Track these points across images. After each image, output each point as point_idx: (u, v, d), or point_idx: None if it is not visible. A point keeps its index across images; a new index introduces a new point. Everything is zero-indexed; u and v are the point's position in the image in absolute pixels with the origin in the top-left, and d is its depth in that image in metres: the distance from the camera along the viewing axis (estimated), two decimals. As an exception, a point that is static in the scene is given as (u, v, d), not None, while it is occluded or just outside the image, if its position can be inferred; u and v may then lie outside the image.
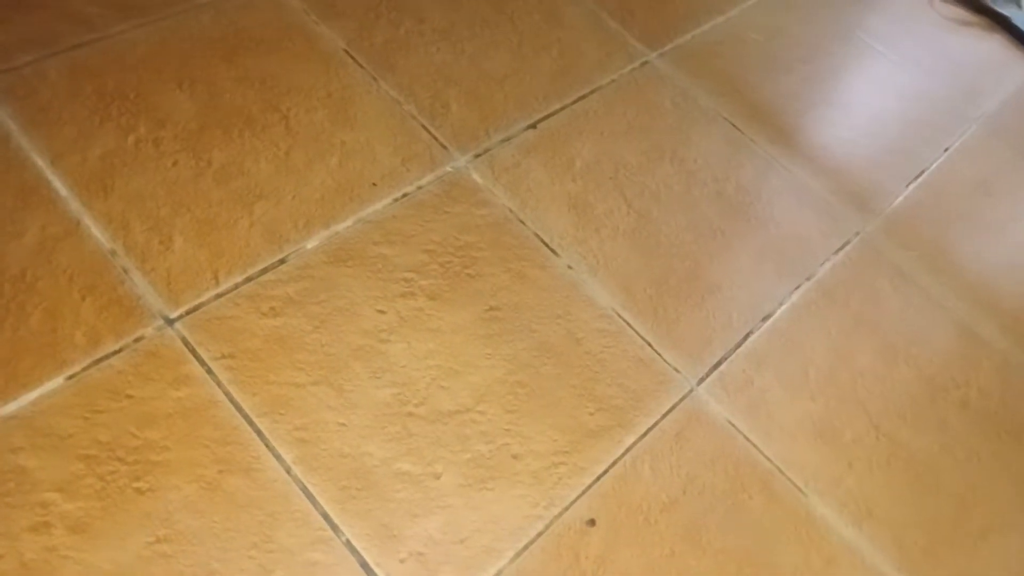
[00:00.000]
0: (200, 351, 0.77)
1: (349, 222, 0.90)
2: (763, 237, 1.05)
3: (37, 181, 0.83)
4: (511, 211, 0.98)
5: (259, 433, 0.74)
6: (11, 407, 0.70)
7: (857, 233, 1.10)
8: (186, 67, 0.97)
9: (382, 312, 0.85)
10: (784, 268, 1.03)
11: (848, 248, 1.08)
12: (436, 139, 1.01)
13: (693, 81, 1.21)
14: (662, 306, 0.95)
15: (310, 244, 0.88)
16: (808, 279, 1.03)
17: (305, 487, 0.72)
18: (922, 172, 1.22)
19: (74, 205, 0.83)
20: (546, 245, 0.96)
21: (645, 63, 1.20)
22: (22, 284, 0.77)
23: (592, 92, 1.14)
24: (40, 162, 0.84)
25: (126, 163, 0.87)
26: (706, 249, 1.02)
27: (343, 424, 0.77)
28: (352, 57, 1.05)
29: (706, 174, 1.10)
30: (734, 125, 1.17)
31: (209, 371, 0.76)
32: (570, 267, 0.95)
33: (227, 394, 0.76)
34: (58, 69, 0.93)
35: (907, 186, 1.19)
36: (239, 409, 0.75)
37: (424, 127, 1.02)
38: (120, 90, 0.93)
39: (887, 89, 1.33)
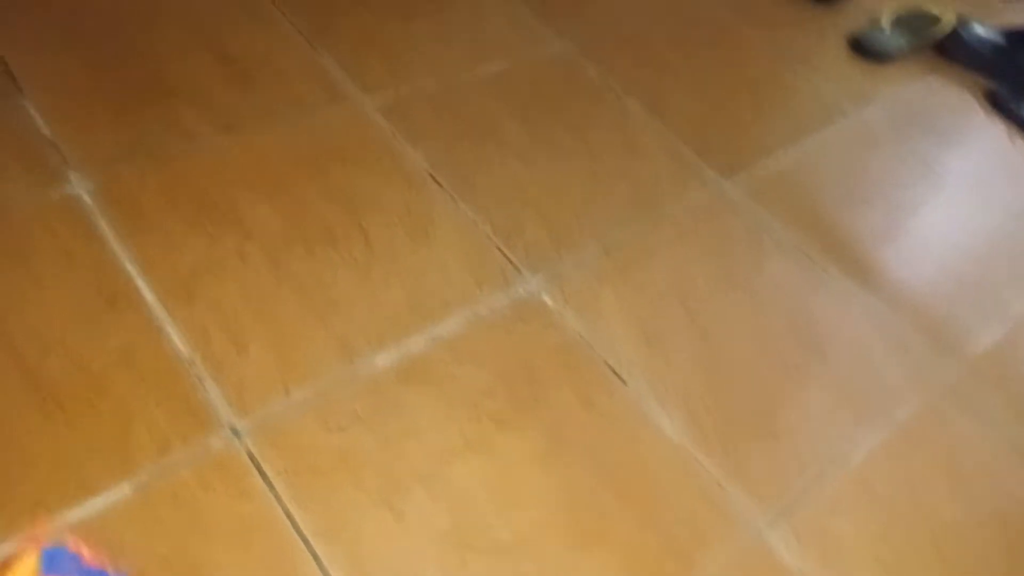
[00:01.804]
0: (264, 464, 0.77)
1: (421, 340, 0.91)
2: (838, 374, 1.02)
3: (127, 286, 0.87)
4: (580, 335, 0.97)
5: (315, 556, 0.73)
6: (76, 513, 0.71)
7: (939, 374, 1.06)
8: (276, 181, 1.02)
9: (447, 435, 0.84)
10: (861, 408, 0.99)
11: (929, 390, 1.03)
12: (510, 260, 1.02)
13: (767, 210, 1.20)
14: (732, 442, 0.92)
15: (381, 360, 0.88)
16: (886, 422, 0.99)
17: (357, 618, 0.70)
18: (1007, 313, 1.17)
19: (158, 312, 0.85)
20: (614, 372, 0.95)
21: (719, 191, 1.21)
22: (100, 385, 0.79)
23: (665, 218, 1.14)
24: (131, 268, 0.88)
25: (212, 272, 0.90)
26: (779, 384, 0.99)
27: (399, 550, 0.75)
28: (434, 177, 1.09)
29: (780, 305, 1.08)
30: (809, 256, 1.16)
31: (271, 486, 0.76)
32: (638, 396, 0.93)
33: (286, 511, 0.75)
34: (158, 177, 0.98)
35: (991, 327, 1.14)
36: (297, 528, 0.74)
37: (499, 248, 1.03)
38: (213, 201, 0.97)
39: (967, 226, 1.30)
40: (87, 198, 0.93)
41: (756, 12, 1.60)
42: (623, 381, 0.94)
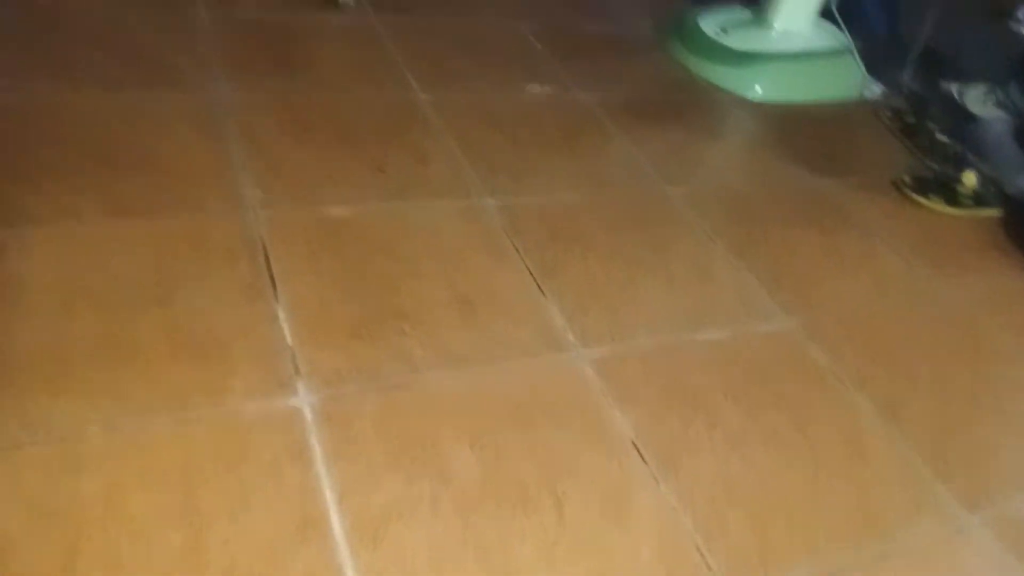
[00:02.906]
0: None
1: (598, 647, 0.82)
2: None
3: (320, 516, 0.86)
4: None
5: None
6: None
7: None
8: (483, 426, 1.00)
9: None
10: None
11: None
12: (706, 561, 0.92)
13: (1018, 558, 1.02)
14: None
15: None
16: None
17: None
18: None
19: (343, 551, 0.83)
20: None
21: (960, 526, 1.05)
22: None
23: (894, 548, 1.00)
24: (329, 497, 0.88)
25: (402, 518, 0.88)
26: None
27: None
28: (638, 449, 1.03)
29: None
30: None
31: None
32: None
33: None
34: (373, 403, 1.00)
35: None
36: None
37: (698, 548, 0.94)
38: (419, 438, 0.97)
39: None
40: (307, 413, 0.97)
41: (1011, 312, 1.47)
42: None
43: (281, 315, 1.08)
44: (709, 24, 2.13)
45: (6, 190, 1.16)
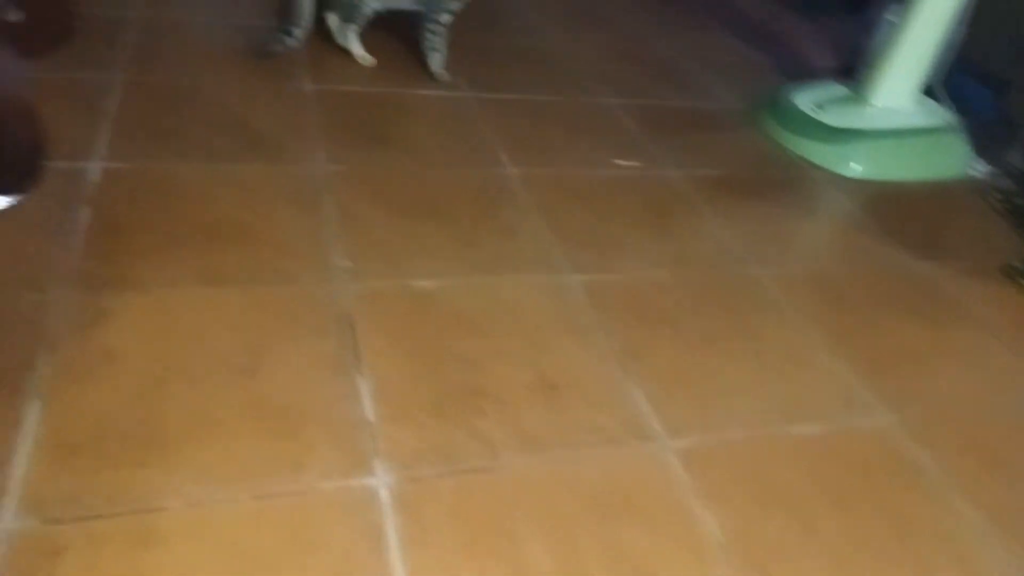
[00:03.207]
0: None
1: None
2: None
3: (392, 606, 0.84)
4: None
5: None
6: None
7: None
8: (559, 519, 0.97)
9: None
10: None
11: None
12: None
13: None
14: None
15: None
16: None
17: None
18: None
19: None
20: None
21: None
22: None
23: None
24: (401, 584, 0.86)
25: (475, 614, 0.85)
26: None
27: None
28: (726, 555, 0.97)
29: None
30: None
31: None
32: None
33: None
34: (450, 486, 0.98)
35: None
36: None
37: (790, 669, 0.86)
38: (494, 526, 0.94)
39: None
40: (384, 494, 0.95)
41: None
42: None
43: (363, 390, 1.09)
44: (804, 100, 2.09)
45: (113, 253, 1.22)
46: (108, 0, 1.98)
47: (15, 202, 1.26)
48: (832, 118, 2.02)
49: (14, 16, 1.30)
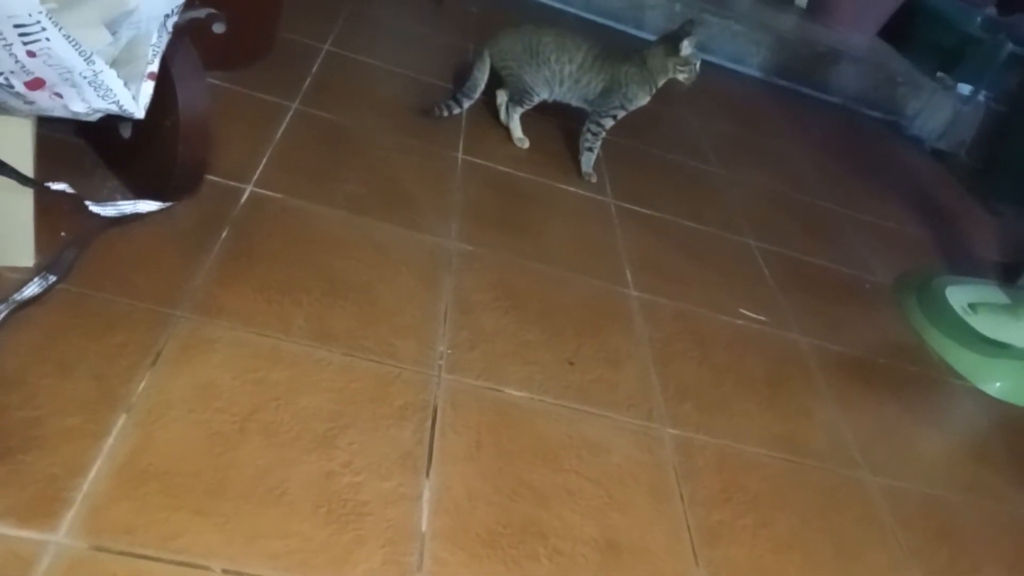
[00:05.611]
0: None
1: None
2: None
3: None
4: None
5: None
6: None
7: None
8: None
9: None
10: None
11: None
12: None
13: None
14: None
15: None
16: None
17: None
18: None
19: None
20: None
21: None
22: None
23: None
24: None
25: None
26: None
27: None
28: None
29: None
30: None
31: None
32: None
33: None
34: (483, 632, 0.93)
35: None
36: None
37: None
38: None
39: None
40: (415, 620, 0.91)
41: None
42: None
43: (426, 495, 1.06)
44: (957, 296, 1.96)
45: (237, 283, 1.25)
46: (309, 30, 2.10)
47: (167, 207, 1.33)
48: (984, 325, 1.88)
49: (219, 29, 1.38)
